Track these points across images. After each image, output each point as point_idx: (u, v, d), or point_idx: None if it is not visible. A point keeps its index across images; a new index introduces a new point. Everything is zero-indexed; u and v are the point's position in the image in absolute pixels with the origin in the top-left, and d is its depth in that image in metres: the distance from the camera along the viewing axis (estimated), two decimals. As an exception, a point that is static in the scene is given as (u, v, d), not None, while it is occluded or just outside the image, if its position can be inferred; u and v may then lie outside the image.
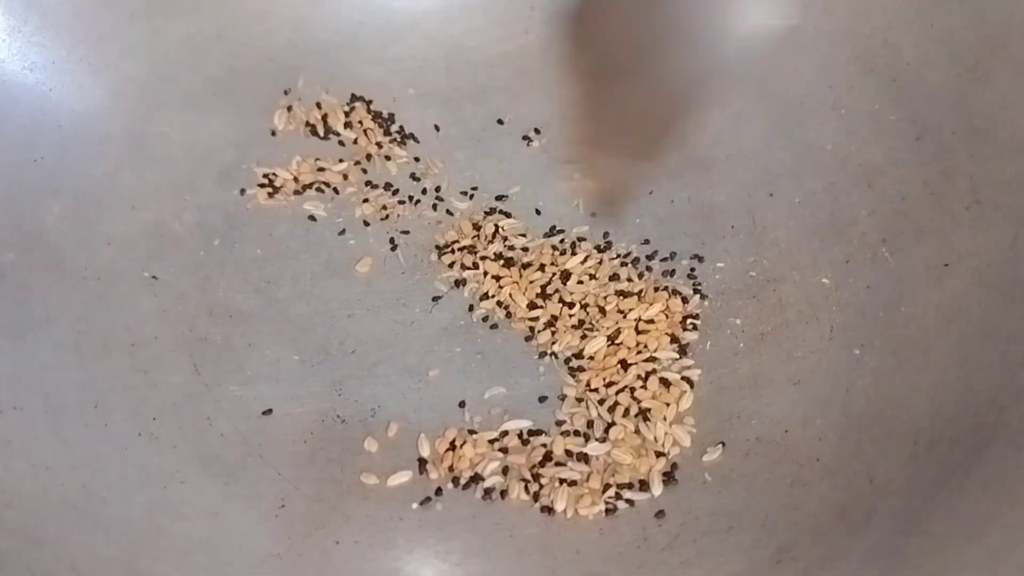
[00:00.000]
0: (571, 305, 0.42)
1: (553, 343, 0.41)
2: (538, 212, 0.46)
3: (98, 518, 0.34)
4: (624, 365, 0.40)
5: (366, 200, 0.47)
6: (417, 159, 0.48)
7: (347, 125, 0.49)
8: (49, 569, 0.31)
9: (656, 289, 0.42)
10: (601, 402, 0.39)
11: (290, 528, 0.35)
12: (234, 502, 0.36)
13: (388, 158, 0.48)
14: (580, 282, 0.43)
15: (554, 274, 0.44)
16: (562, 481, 0.37)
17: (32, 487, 0.34)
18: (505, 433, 0.39)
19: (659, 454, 0.37)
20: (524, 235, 0.45)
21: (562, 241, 0.45)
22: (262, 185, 0.46)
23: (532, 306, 0.43)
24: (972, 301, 0.36)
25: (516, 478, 0.37)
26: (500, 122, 0.49)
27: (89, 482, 0.35)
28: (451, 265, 0.45)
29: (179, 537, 0.34)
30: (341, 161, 0.48)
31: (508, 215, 0.46)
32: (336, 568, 0.34)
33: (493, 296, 0.43)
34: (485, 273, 0.44)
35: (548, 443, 0.38)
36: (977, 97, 0.40)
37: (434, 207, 0.47)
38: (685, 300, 0.42)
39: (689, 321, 0.41)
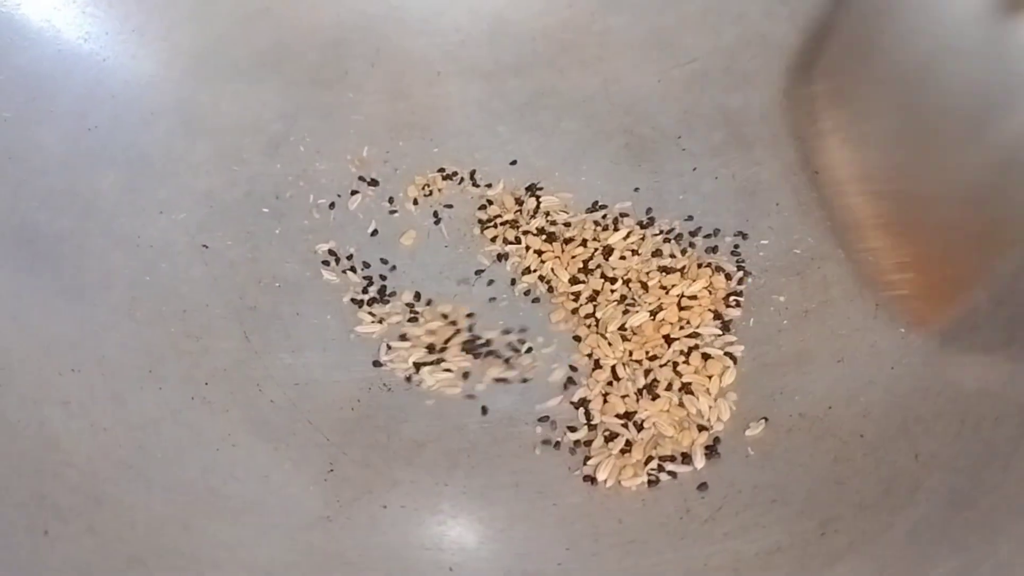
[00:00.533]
0: (613, 280, 0.43)
1: (595, 317, 0.42)
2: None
3: (154, 478, 0.35)
4: (667, 340, 0.40)
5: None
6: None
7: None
8: (108, 525, 0.32)
9: (699, 266, 0.42)
10: (647, 372, 0.39)
11: (338, 492, 0.36)
12: (284, 466, 0.37)
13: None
14: (623, 257, 0.43)
15: (596, 249, 0.44)
16: (607, 439, 0.37)
17: (91, 447, 0.35)
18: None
19: (702, 428, 0.38)
20: (566, 210, 0.46)
21: (604, 216, 0.45)
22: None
23: (574, 281, 0.43)
24: (1021, 281, 0.35)
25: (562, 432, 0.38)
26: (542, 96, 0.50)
27: (145, 443, 0.36)
28: (493, 239, 0.45)
29: (232, 498, 0.35)
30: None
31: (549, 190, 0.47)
32: (383, 531, 0.35)
33: (535, 270, 0.44)
34: (527, 248, 0.45)
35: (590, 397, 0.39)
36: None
37: (475, 183, 0.47)
38: (729, 277, 0.42)
39: (732, 298, 0.41)
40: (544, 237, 0.45)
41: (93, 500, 0.33)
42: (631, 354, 0.40)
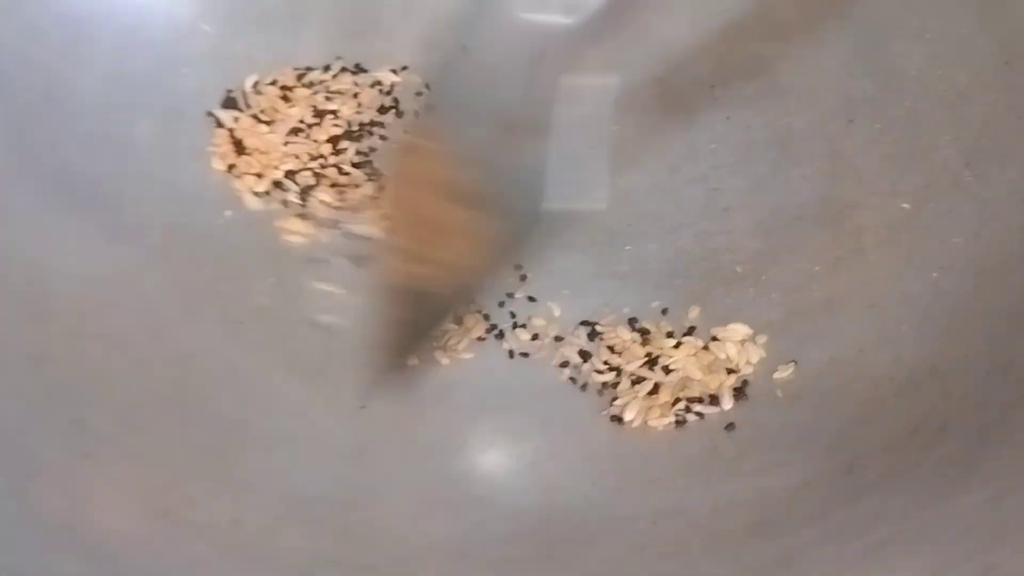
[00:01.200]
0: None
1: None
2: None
3: (190, 409, 0.35)
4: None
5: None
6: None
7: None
8: (147, 451, 0.33)
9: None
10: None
11: (370, 427, 0.36)
12: (317, 402, 0.37)
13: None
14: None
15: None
16: (634, 382, 0.37)
17: (128, 378, 0.35)
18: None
19: (730, 371, 0.38)
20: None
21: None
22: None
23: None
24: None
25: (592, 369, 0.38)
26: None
27: (182, 376, 0.36)
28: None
29: (267, 430, 0.36)
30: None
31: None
32: (414, 464, 0.35)
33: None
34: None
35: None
36: (1071, 20, 0.39)
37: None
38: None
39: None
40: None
41: (132, 427, 0.33)
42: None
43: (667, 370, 0.38)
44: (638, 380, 0.38)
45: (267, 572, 0.30)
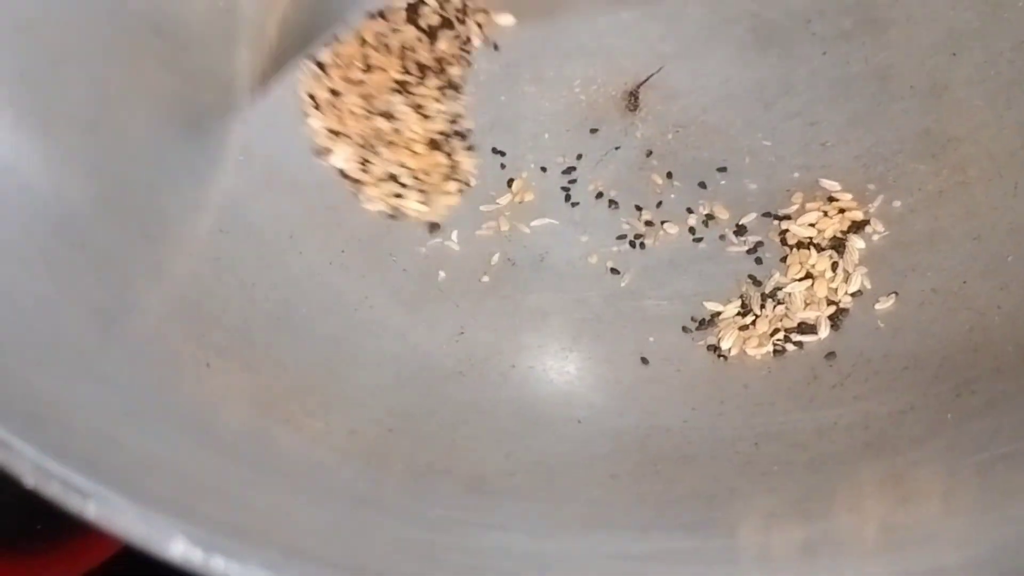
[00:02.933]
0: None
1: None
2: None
3: (300, 329, 0.36)
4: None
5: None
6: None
7: None
8: (262, 365, 0.34)
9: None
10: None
11: (470, 352, 0.37)
12: (418, 327, 0.38)
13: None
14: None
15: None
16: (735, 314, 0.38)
17: (241, 298, 0.37)
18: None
19: (830, 302, 0.38)
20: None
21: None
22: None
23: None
24: None
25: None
26: None
27: (290, 299, 0.37)
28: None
29: (372, 351, 0.37)
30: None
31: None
32: (514, 387, 0.36)
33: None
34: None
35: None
36: None
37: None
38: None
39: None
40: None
41: (247, 343, 0.35)
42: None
43: (765, 297, 0.38)
44: (738, 312, 0.38)
45: (386, 477, 0.31)
